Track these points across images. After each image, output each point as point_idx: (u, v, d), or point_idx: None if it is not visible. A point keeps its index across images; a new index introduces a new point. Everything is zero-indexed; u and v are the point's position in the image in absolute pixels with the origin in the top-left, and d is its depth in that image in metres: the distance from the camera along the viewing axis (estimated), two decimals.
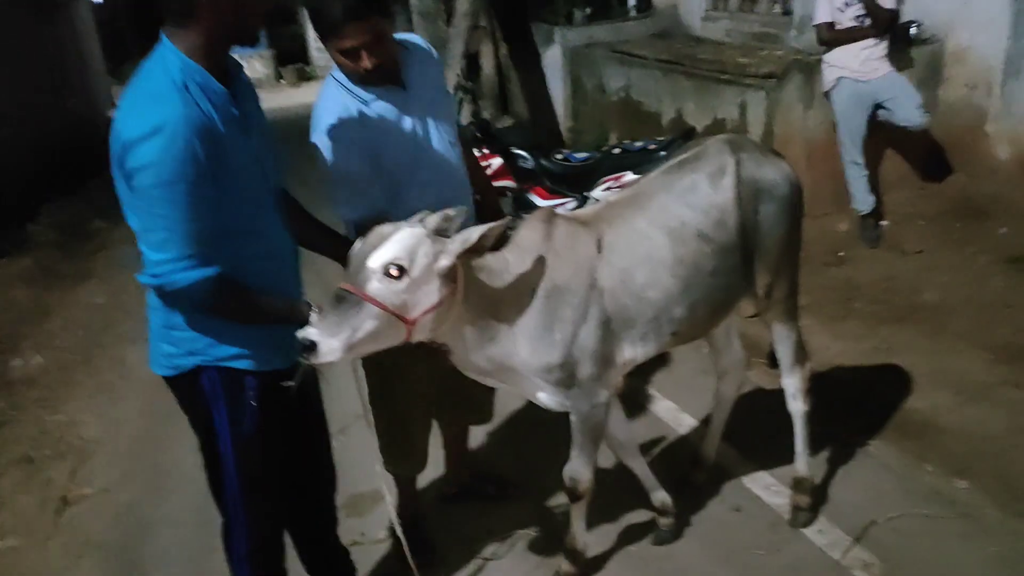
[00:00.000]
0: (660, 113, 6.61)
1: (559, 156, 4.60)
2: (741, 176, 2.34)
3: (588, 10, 8.96)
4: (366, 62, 2.13)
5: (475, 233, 1.93)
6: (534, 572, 2.62)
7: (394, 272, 1.84)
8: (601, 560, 2.63)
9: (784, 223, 2.44)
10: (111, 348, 4.72)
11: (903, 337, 3.91)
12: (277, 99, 17.02)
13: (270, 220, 1.93)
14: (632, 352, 2.28)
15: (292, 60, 20.05)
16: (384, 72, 2.19)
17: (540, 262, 2.14)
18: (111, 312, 5.31)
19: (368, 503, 3.05)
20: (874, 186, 5.01)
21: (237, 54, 1.91)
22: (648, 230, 2.25)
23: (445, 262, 1.91)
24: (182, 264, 1.69)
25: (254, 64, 19.66)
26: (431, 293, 1.91)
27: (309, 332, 1.78)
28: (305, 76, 19.78)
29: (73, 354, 4.68)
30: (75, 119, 11.25)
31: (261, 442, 1.98)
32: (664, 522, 2.67)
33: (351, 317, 1.81)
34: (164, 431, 3.44)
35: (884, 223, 5.06)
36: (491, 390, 2.74)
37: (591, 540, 2.59)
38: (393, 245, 1.87)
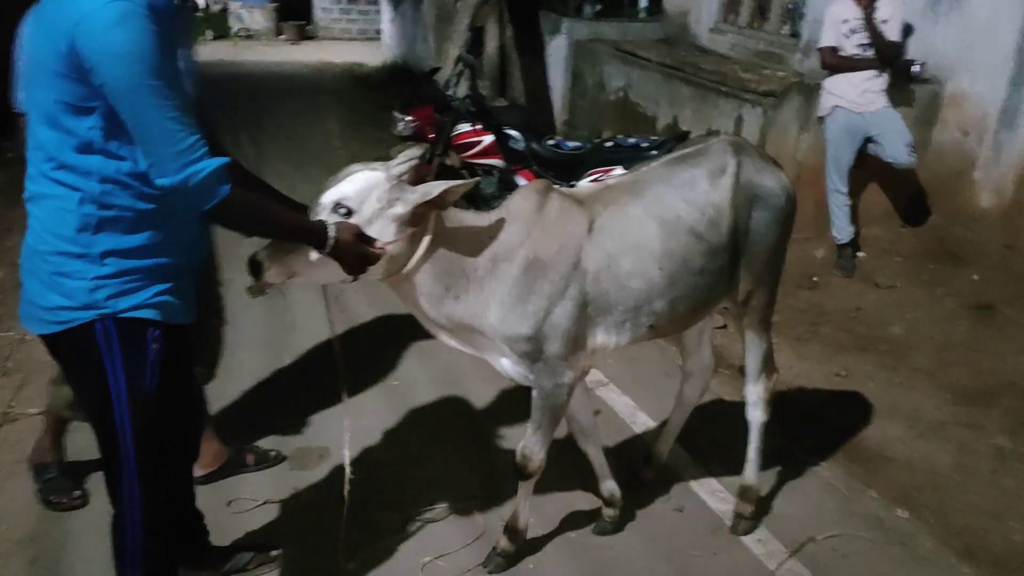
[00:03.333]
0: (656, 117, 6.61)
1: (551, 142, 4.57)
2: (740, 178, 2.33)
3: (599, 6, 8.95)
4: None
5: (436, 188, 1.94)
6: (472, 544, 2.60)
7: (341, 211, 1.89)
8: (540, 542, 2.62)
9: (774, 233, 2.44)
10: None
11: (864, 366, 3.95)
12: (275, 54, 16.84)
13: None
14: (606, 339, 2.27)
15: (294, 17, 19.75)
16: None
17: (526, 232, 2.12)
18: None
19: (314, 459, 3.02)
20: (855, 217, 5.05)
21: (244, 4, 1.86)
22: (642, 218, 2.24)
23: (399, 210, 1.93)
24: (196, 151, 1.61)
25: (255, 15, 19.38)
26: (384, 235, 1.93)
27: (259, 253, 1.83)
28: (305, 35, 19.50)
29: None
30: None
31: (159, 400, 1.85)
32: (609, 513, 2.67)
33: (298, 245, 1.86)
34: None
35: (860, 254, 5.10)
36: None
37: (532, 518, 2.58)
38: (346, 185, 1.93)
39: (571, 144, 4.60)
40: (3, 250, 4.85)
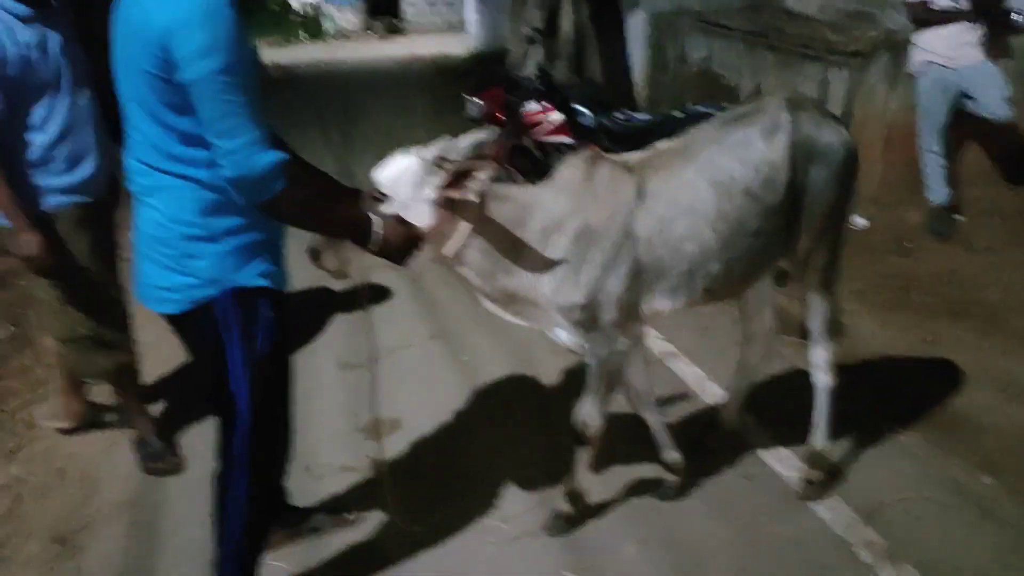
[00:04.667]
0: (739, 86, 6.44)
1: (620, 116, 4.54)
2: (796, 135, 2.28)
3: None
4: None
5: (452, 168, 2.00)
6: (535, 509, 2.65)
7: (377, 195, 1.98)
8: (602, 507, 2.64)
9: (834, 190, 2.37)
10: None
11: (954, 332, 3.76)
12: (364, 50, 17.31)
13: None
14: (661, 304, 2.27)
15: (383, 13, 20.22)
16: None
17: (575, 201, 2.15)
18: None
19: (386, 428, 3.14)
20: (951, 178, 4.79)
21: (336, 5, 1.96)
22: (694, 181, 2.22)
23: (430, 193, 1.99)
24: (258, 146, 1.71)
25: (346, 14, 19.96)
26: (420, 218, 2.00)
27: (314, 242, 1.99)
28: (394, 29, 19.93)
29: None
30: None
31: (269, 363, 2.02)
32: (671, 479, 2.67)
33: None
34: None
35: (958, 217, 4.84)
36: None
37: (596, 486, 2.60)
38: (382, 171, 2.01)
39: (640, 117, 4.56)
40: None
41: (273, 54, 16.64)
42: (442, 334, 3.99)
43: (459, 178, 2.01)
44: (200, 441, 3.06)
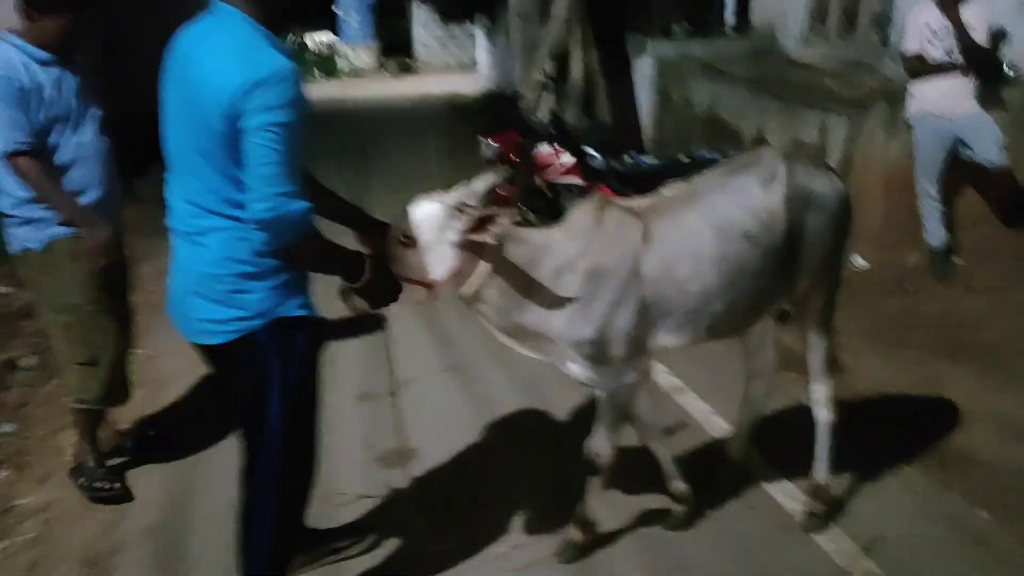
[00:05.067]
0: (742, 131, 6.63)
1: (628, 159, 4.72)
2: (792, 183, 2.43)
3: (687, 25, 9.01)
4: None
5: (475, 213, 2.15)
6: (546, 536, 2.75)
7: (404, 240, 2.15)
8: (612, 536, 2.74)
9: (829, 233, 2.51)
10: None
11: (955, 372, 3.88)
12: (378, 89, 17.67)
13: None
14: (666, 340, 2.41)
15: (396, 52, 20.67)
16: None
17: (586, 244, 2.30)
18: None
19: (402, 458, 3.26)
20: (949, 221, 4.94)
21: (350, 44, 2.14)
22: (697, 225, 2.37)
23: (452, 236, 2.14)
24: (292, 196, 1.85)
25: (360, 54, 20.44)
26: (443, 260, 2.16)
27: (343, 287, 2.12)
28: (407, 68, 20.36)
29: (161, 298, 5.03)
30: None
31: (304, 391, 2.16)
32: (678, 510, 2.77)
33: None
34: None
35: (956, 260, 4.97)
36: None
37: (606, 515, 2.71)
38: (410, 217, 2.16)
39: (648, 160, 4.74)
40: (135, 278, 5.38)
41: None
42: (457, 367, 4.12)
43: (482, 223, 2.15)
44: (226, 467, 3.19)
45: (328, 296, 2.26)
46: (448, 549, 2.68)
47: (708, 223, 2.37)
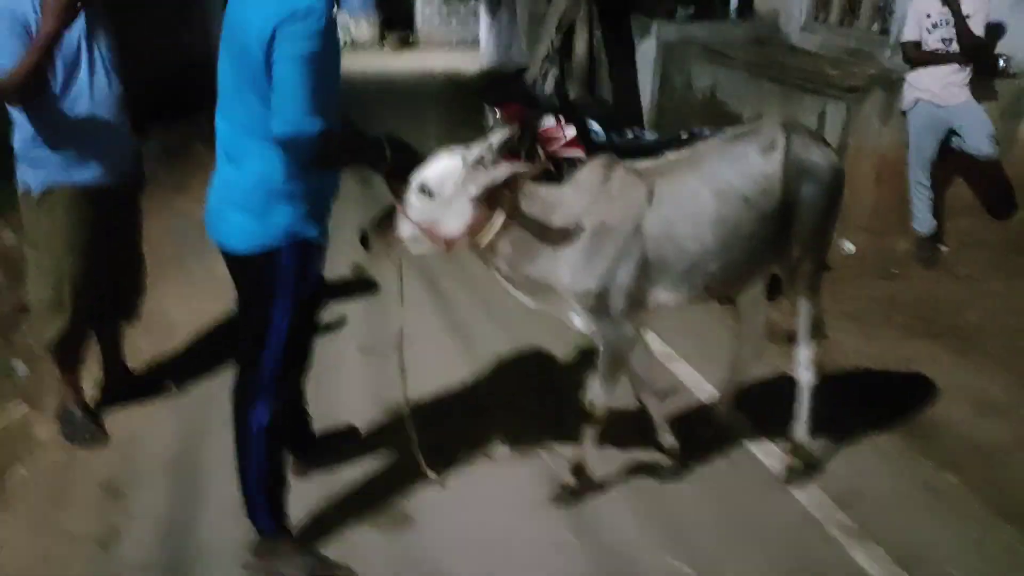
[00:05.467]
0: (741, 115, 6.75)
1: (629, 134, 4.85)
2: (790, 153, 2.57)
3: (692, 9, 9.09)
4: None
5: (502, 173, 2.26)
6: (544, 481, 2.92)
7: (425, 193, 2.26)
8: (604, 484, 2.91)
9: (822, 204, 2.66)
10: (201, 254, 5.16)
11: (935, 352, 4.04)
12: (378, 62, 17.63)
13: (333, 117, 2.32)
14: (665, 296, 2.56)
15: (398, 26, 20.58)
16: None
17: (593, 201, 2.44)
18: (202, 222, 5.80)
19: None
20: (937, 209, 5.10)
21: (351, 15, 2.32)
22: (697, 188, 2.51)
23: (473, 192, 2.26)
24: (310, 117, 2.04)
25: (361, 26, 20.33)
26: (462, 213, 2.28)
27: (365, 231, 2.32)
28: (408, 42, 20.29)
29: (168, 253, 5.15)
30: (190, 54, 11.97)
31: (309, 304, 2.45)
32: (667, 463, 2.93)
33: (397, 223, 2.31)
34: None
35: (943, 247, 5.14)
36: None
37: (599, 464, 2.87)
38: (428, 170, 2.27)
39: (649, 136, 4.87)
40: None
41: None
42: (455, 327, 4.26)
43: (510, 181, 2.29)
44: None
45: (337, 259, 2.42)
46: (453, 486, 2.85)
47: (708, 186, 2.50)
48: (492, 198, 2.31)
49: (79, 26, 2.77)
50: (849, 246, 5.24)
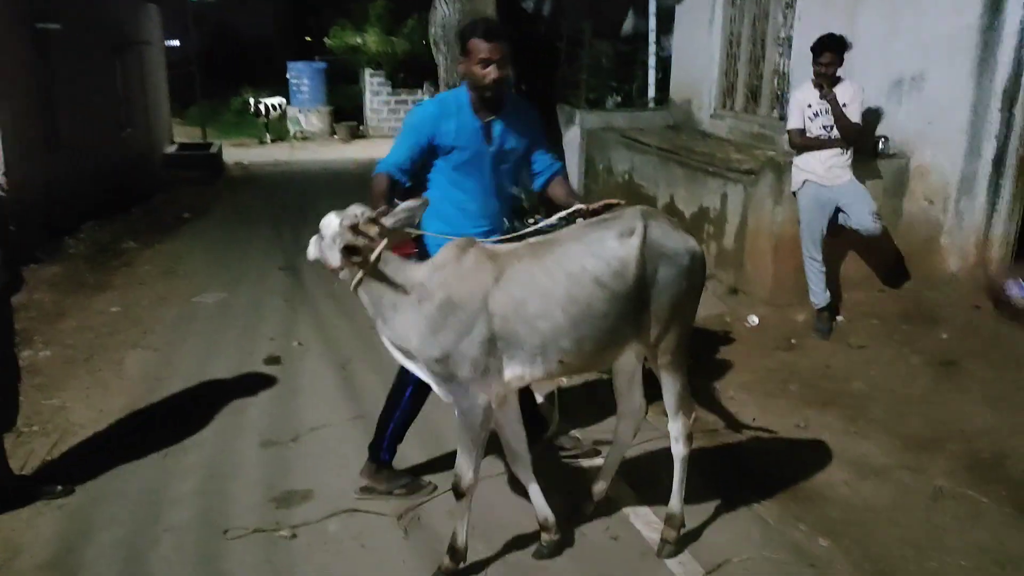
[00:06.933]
0: (656, 197, 7.07)
1: (531, 220, 5.05)
2: (647, 238, 2.74)
3: (619, 98, 9.53)
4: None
5: (347, 236, 2.67)
6: (423, 556, 2.96)
7: (319, 234, 2.80)
8: (482, 564, 2.95)
9: (679, 287, 2.79)
10: (113, 351, 5.20)
11: (825, 419, 4.20)
12: (327, 153, 18.07)
13: (475, 190, 3.24)
14: (521, 371, 2.69)
15: (347, 118, 21.11)
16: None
17: (445, 278, 2.66)
18: (121, 321, 5.84)
19: (297, 499, 3.44)
20: (831, 283, 5.34)
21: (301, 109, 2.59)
22: (551, 268, 2.66)
23: (339, 242, 2.69)
24: (382, 165, 3.12)
25: (311, 118, 20.83)
26: (334, 256, 2.73)
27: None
28: (357, 134, 20.78)
29: (78, 351, 5.17)
30: (132, 151, 12.16)
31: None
32: (546, 538, 3.00)
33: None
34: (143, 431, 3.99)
35: (839, 318, 5.37)
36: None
37: (477, 543, 2.92)
38: (324, 220, 2.78)
39: (549, 221, 5.06)
40: (56, 332, 5.54)
41: (237, 154, 17.26)
42: (363, 416, 4.30)
43: (359, 235, 2.66)
44: (120, 510, 3.33)
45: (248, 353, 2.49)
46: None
47: (561, 268, 2.66)
48: (352, 255, 2.66)
49: None
50: (753, 319, 5.45)
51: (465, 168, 3.19)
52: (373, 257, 2.66)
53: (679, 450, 2.99)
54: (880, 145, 5.49)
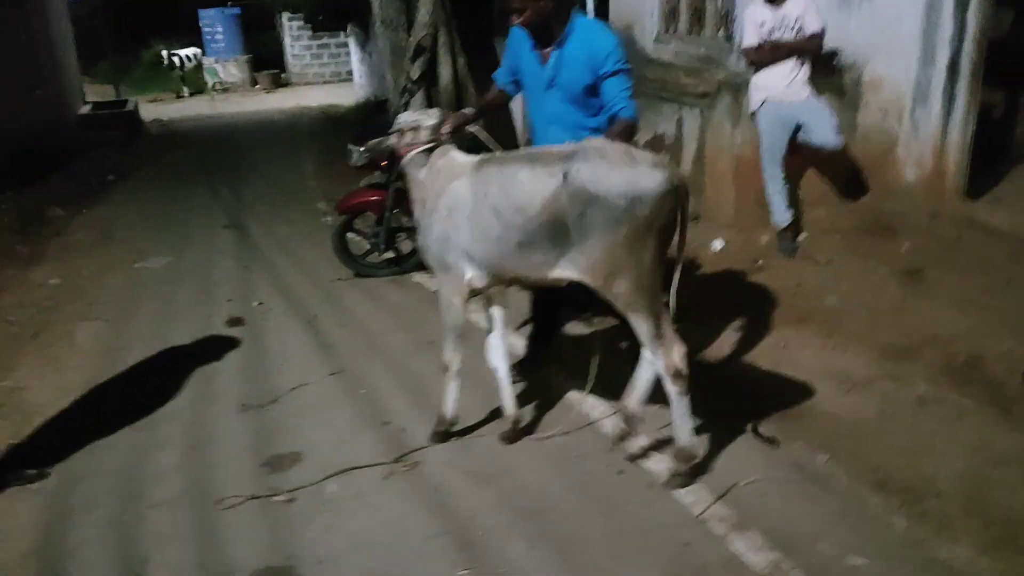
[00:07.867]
0: None
1: None
2: (569, 181, 2.67)
3: None
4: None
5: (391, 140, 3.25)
6: (430, 509, 2.90)
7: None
8: (490, 510, 2.91)
9: (615, 233, 2.66)
10: (61, 325, 4.91)
11: (801, 336, 4.25)
12: (251, 104, 17.36)
13: (538, 115, 3.47)
14: (470, 274, 3.04)
15: (268, 66, 20.25)
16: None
17: (424, 176, 3.14)
18: (64, 292, 5.52)
19: (287, 462, 3.32)
20: (793, 201, 5.36)
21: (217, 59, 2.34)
22: (481, 183, 2.91)
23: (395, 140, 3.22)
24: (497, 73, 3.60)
25: (230, 68, 19.91)
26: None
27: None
28: (279, 82, 19.99)
29: (23, 328, 4.87)
30: (44, 113, 11.42)
31: None
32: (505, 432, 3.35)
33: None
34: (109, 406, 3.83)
35: (802, 236, 5.41)
36: None
37: (487, 492, 2.87)
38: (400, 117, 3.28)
39: None
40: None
41: (155, 110, 16.43)
42: (342, 370, 4.18)
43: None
44: (97, 490, 3.17)
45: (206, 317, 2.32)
46: None
47: (486, 184, 2.88)
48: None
49: None
50: (717, 244, 5.46)
51: (528, 94, 3.51)
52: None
53: (669, 388, 2.90)
54: (833, 60, 5.46)
